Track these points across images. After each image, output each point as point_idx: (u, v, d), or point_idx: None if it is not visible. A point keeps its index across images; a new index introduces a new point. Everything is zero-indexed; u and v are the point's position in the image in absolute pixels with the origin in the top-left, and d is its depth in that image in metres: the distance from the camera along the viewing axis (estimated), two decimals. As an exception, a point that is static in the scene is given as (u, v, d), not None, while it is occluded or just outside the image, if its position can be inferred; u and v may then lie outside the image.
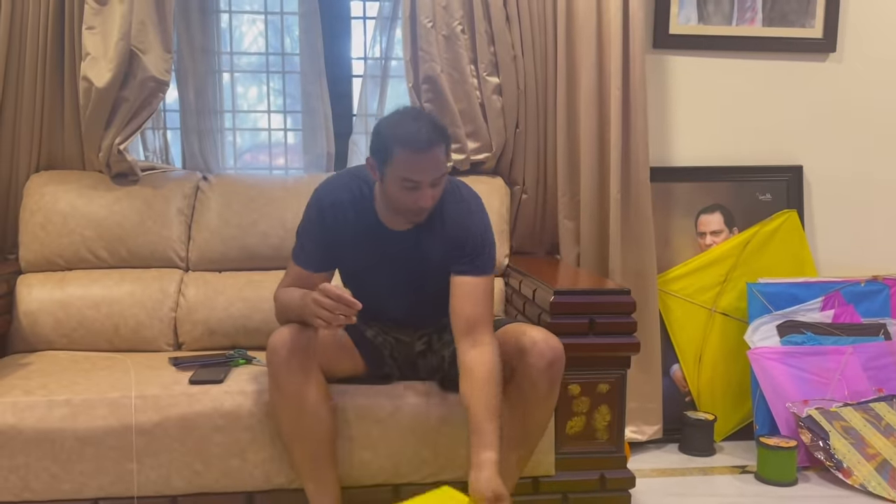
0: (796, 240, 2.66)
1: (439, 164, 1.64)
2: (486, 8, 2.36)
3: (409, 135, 1.60)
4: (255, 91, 2.64)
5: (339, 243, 1.78)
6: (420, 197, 1.63)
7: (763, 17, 2.60)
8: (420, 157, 1.60)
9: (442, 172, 1.66)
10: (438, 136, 1.63)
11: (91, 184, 2.27)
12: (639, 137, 2.44)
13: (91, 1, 2.19)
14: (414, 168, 1.61)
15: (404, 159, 1.61)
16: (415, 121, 1.64)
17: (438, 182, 1.65)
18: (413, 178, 1.61)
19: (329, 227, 1.77)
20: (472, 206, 1.80)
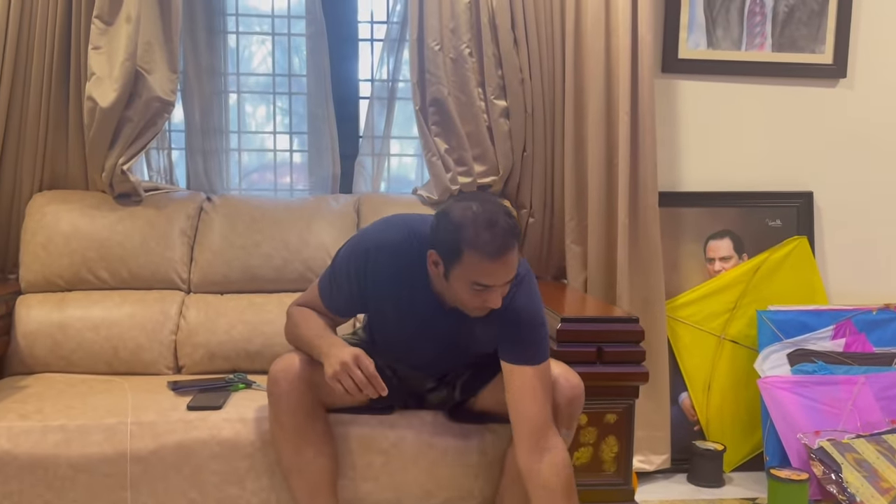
0: (807, 267, 2.62)
1: (513, 266, 1.51)
2: (493, 31, 2.35)
3: (485, 242, 1.46)
4: (262, 111, 2.63)
5: (377, 300, 1.66)
6: (489, 298, 1.51)
7: (773, 42, 2.59)
8: (495, 264, 1.47)
9: (514, 274, 1.53)
10: (513, 239, 1.49)
11: (94, 204, 2.25)
12: (647, 162, 2.41)
13: (98, 21, 2.18)
14: (488, 275, 1.48)
15: (477, 264, 1.47)
16: (490, 225, 1.46)
17: (510, 283, 1.54)
18: (486, 284, 1.49)
19: (371, 281, 1.63)
20: (532, 289, 1.64)
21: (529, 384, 1.57)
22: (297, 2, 2.50)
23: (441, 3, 2.33)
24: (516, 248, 1.51)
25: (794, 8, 2.58)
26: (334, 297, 1.68)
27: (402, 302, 1.64)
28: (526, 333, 1.60)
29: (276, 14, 2.51)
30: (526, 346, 1.59)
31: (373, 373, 1.51)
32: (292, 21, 2.51)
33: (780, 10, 2.58)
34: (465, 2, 2.34)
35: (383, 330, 1.76)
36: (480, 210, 1.49)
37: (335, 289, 1.68)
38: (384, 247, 1.62)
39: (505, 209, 1.53)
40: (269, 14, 2.52)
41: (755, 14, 2.57)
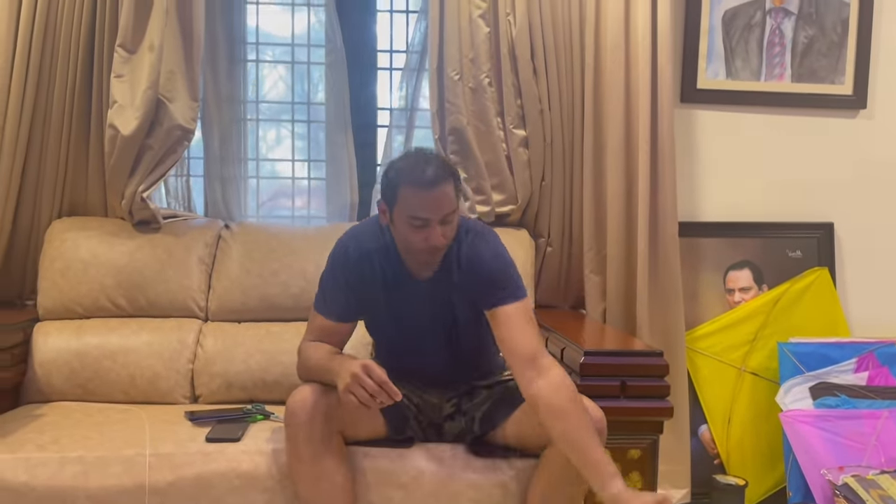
0: (828, 298, 2.59)
1: (447, 200, 1.59)
2: (513, 62, 2.36)
3: (415, 172, 1.58)
4: (280, 139, 2.64)
5: (366, 293, 1.73)
6: (430, 235, 1.59)
7: (792, 73, 2.58)
8: (426, 194, 1.57)
9: (451, 209, 1.61)
10: (445, 173, 1.60)
11: (113, 231, 2.25)
12: (667, 191, 2.40)
13: (121, 49, 2.20)
14: (421, 205, 1.57)
15: (410, 197, 1.58)
16: (420, 159, 1.61)
17: (449, 220, 1.61)
18: (421, 216, 1.58)
19: (354, 275, 1.72)
20: (487, 238, 1.75)
21: (514, 320, 1.64)
22: (316, 30, 2.51)
23: (461, 33, 2.34)
24: (450, 184, 1.60)
25: (814, 39, 2.58)
26: (329, 302, 1.73)
27: (386, 284, 1.71)
28: (497, 275, 1.68)
29: (295, 43, 2.52)
30: (500, 287, 1.67)
31: (383, 379, 1.51)
32: (312, 50, 2.52)
33: (799, 41, 2.58)
34: (485, 32, 2.35)
35: (383, 333, 1.81)
36: (414, 153, 1.66)
37: (328, 294, 1.74)
38: (357, 235, 1.76)
39: (440, 156, 1.69)
40: (288, 42, 2.53)
41: (774, 45, 2.58)
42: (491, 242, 1.74)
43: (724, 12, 2.55)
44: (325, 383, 1.64)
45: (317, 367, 1.67)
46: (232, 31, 2.43)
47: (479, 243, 1.72)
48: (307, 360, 1.73)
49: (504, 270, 1.70)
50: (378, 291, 1.73)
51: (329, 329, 1.75)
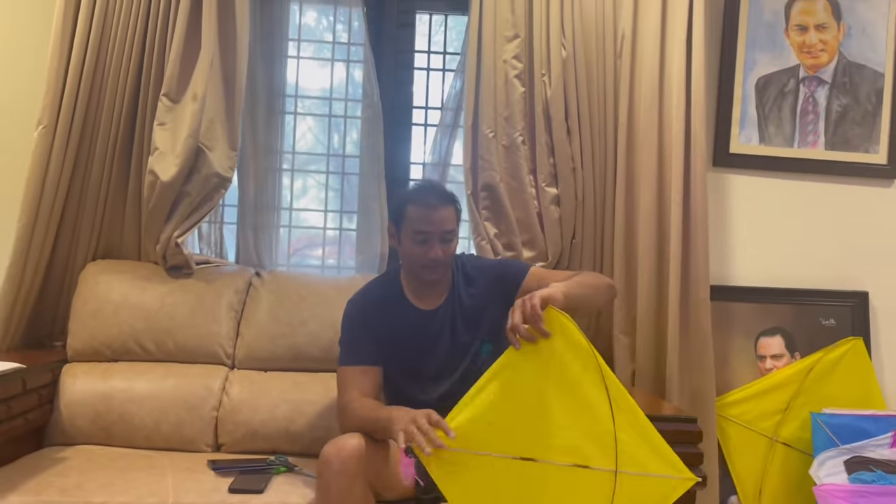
0: (863, 369, 2.53)
1: (448, 219, 1.82)
2: (547, 121, 2.38)
3: (419, 194, 1.85)
4: (313, 189, 2.67)
5: (384, 335, 1.85)
6: (430, 249, 1.79)
7: (826, 140, 2.59)
8: (429, 211, 1.80)
9: (450, 228, 1.82)
10: (446, 198, 1.85)
11: (146, 275, 2.27)
12: (699, 254, 2.38)
13: (165, 98, 2.25)
14: (424, 221, 1.80)
15: (415, 214, 1.81)
16: (426, 185, 1.92)
17: (448, 238, 1.82)
18: (424, 230, 1.79)
19: (371, 321, 1.86)
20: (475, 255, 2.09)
21: (542, 274, 1.91)
22: (354, 85, 2.57)
23: (496, 92, 2.37)
24: (451, 208, 1.84)
25: (848, 108, 2.59)
26: (353, 350, 1.84)
27: (398, 323, 1.86)
28: (503, 267, 1.97)
29: (333, 97, 2.57)
30: (512, 268, 1.95)
31: (437, 419, 1.50)
32: (349, 104, 2.57)
33: (833, 110, 2.59)
34: (520, 91, 2.39)
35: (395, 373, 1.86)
36: (420, 181, 2.01)
37: (349, 344, 1.86)
38: (364, 290, 1.95)
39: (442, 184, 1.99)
40: (327, 97, 2.58)
41: (808, 112, 2.59)
42: (482, 257, 2.06)
43: (757, 79, 2.58)
44: (368, 435, 1.63)
45: (369, 419, 1.66)
46: (272, 83, 2.49)
47: (475, 259, 2.02)
48: (353, 415, 1.71)
49: (505, 261, 2.07)
50: (393, 331, 1.85)
51: (360, 376, 1.81)
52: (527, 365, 1.47)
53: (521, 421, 1.47)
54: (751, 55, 2.57)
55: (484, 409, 1.45)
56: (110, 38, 2.27)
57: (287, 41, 2.52)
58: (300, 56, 2.56)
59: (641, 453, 1.45)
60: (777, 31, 2.58)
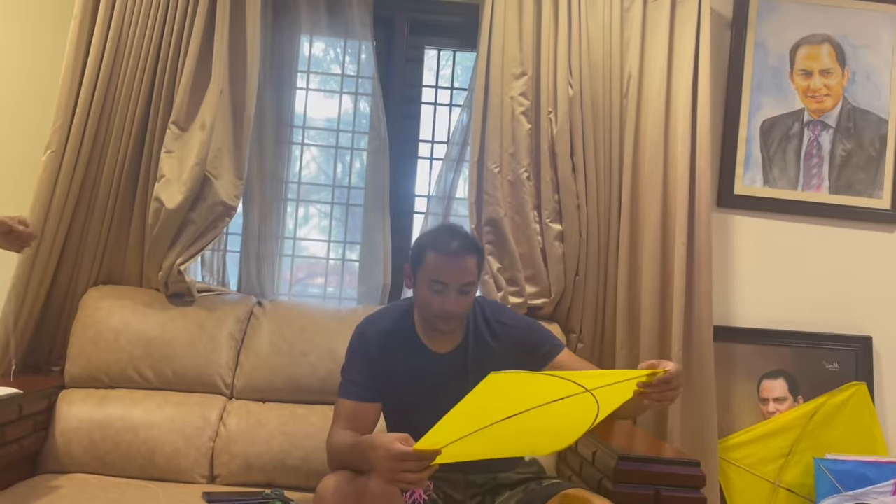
0: (866, 414, 2.51)
1: (468, 271, 1.71)
2: (553, 158, 2.39)
3: (442, 240, 1.72)
4: (309, 218, 2.67)
5: (386, 372, 1.77)
6: (446, 300, 1.69)
7: (830, 184, 2.60)
8: (449, 261, 1.69)
9: (470, 280, 1.71)
10: (470, 246, 1.73)
11: (147, 301, 2.26)
12: (703, 295, 2.38)
13: (174, 126, 2.26)
14: (443, 270, 1.69)
15: (434, 262, 1.70)
16: (450, 230, 1.77)
17: (466, 290, 1.71)
18: (441, 280, 1.69)
19: (374, 356, 1.78)
20: (503, 306, 1.93)
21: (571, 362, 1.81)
22: (361, 117, 2.58)
23: (503, 128, 2.39)
24: (473, 258, 1.72)
25: (852, 153, 2.60)
26: (352, 384, 1.77)
27: (405, 361, 1.77)
28: (536, 334, 1.86)
29: (341, 129, 2.59)
30: (545, 340, 1.84)
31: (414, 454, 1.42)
32: (356, 136, 2.58)
33: (837, 154, 2.60)
34: (527, 128, 2.40)
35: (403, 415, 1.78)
36: (446, 225, 1.89)
37: (350, 376, 1.79)
38: (373, 320, 1.85)
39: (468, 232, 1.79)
40: (334, 128, 2.60)
41: (812, 156, 2.60)
42: (508, 310, 1.91)
43: (762, 122, 2.60)
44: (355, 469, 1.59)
45: (344, 450, 1.64)
46: (280, 113, 2.50)
47: (501, 311, 1.88)
48: (336, 448, 1.69)
49: (537, 327, 1.88)
50: (398, 370, 1.77)
51: (354, 411, 1.76)
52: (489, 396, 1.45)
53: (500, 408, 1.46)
54: (756, 98, 2.59)
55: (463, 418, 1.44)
56: (121, 66, 2.28)
57: (296, 72, 2.54)
58: (308, 87, 2.58)
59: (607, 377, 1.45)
60: (782, 75, 2.60)
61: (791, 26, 2.60)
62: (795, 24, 2.60)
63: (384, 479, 1.47)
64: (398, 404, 1.81)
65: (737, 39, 2.59)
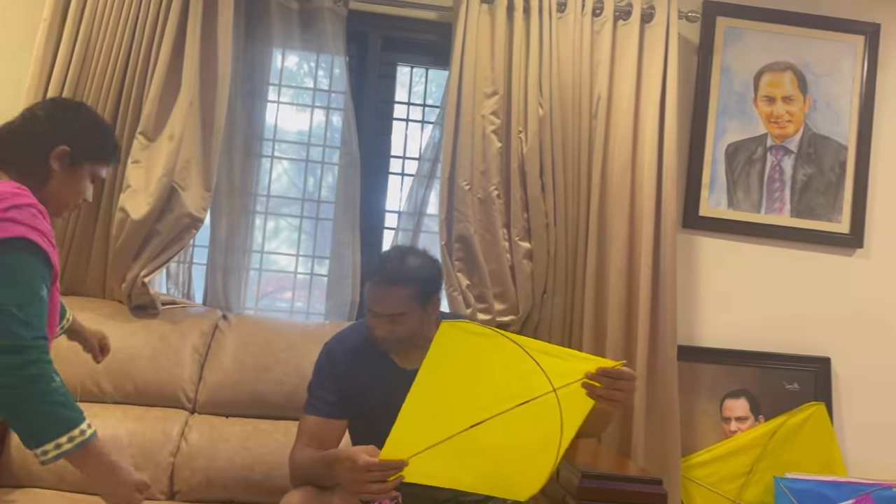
0: (825, 434, 2.56)
1: (395, 301, 1.67)
2: (522, 177, 2.42)
3: (376, 269, 1.73)
4: (279, 231, 2.65)
5: (353, 388, 1.77)
6: (377, 326, 1.70)
7: (791, 208, 2.66)
8: (377, 291, 1.69)
9: (398, 311, 1.68)
10: (403, 277, 1.68)
11: (109, 313, 2.22)
12: (667, 314, 2.41)
13: (141, 137, 2.24)
14: (372, 299, 1.70)
15: (368, 289, 1.72)
16: (388, 258, 1.75)
17: (398, 320, 1.68)
18: (371, 308, 1.70)
19: (342, 372, 1.78)
20: None
21: None
22: (332, 131, 2.58)
23: (474, 146, 2.41)
24: (406, 288, 1.67)
25: (812, 177, 2.67)
26: (318, 400, 1.77)
27: (372, 376, 1.76)
28: None
29: (312, 143, 2.58)
30: None
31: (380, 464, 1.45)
32: (327, 150, 2.58)
33: (798, 179, 2.67)
34: (497, 147, 2.42)
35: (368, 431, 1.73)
36: (392, 248, 1.86)
37: (317, 392, 1.79)
38: (341, 337, 1.85)
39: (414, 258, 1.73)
40: (305, 142, 2.59)
41: (775, 180, 2.66)
42: None
43: (727, 145, 2.65)
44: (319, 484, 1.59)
45: (308, 464, 1.64)
46: (251, 125, 2.49)
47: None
48: (300, 463, 1.69)
49: None
50: (366, 386, 1.77)
51: (319, 428, 1.76)
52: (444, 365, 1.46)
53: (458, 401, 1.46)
54: (721, 122, 2.65)
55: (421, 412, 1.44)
56: (89, 75, 2.26)
57: (268, 85, 2.53)
58: (280, 100, 2.57)
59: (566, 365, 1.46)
60: (747, 101, 2.66)
61: (755, 53, 2.67)
62: (759, 51, 2.67)
63: (350, 491, 1.47)
64: (365, 420, 1.81)
65: (703, 64, 2.65)
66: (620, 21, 2.49)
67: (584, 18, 2.46)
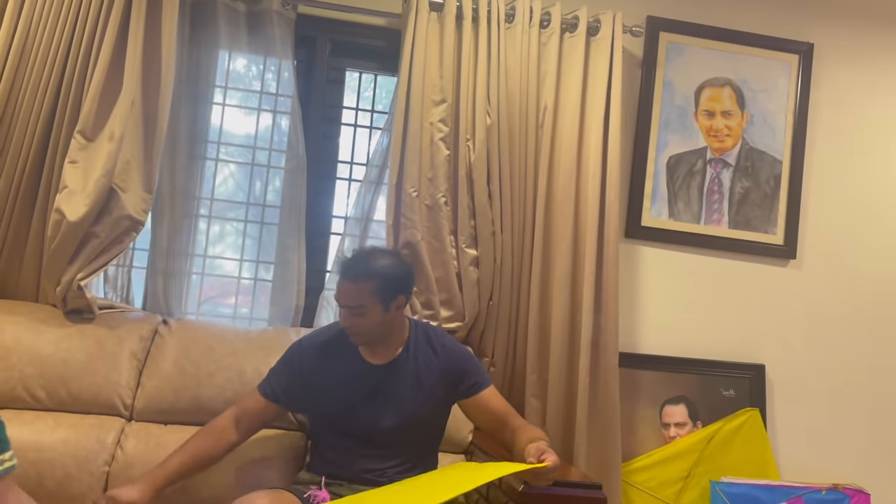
0: (758, 439, 2.64)
1: (353, 294, 1.80)
2: (470, 184, 2.43)
3: (344, 261, 1.86)
4: (224, 235, 2.61)
5: (316, 383, 1.88)
6: (343, 318, 1.84)
7: (729, 219, 2.74)
8: (340, 284, 1.82)
9: (355, 304, 1.80)
10: (364, 273, 1.81)
11: (42, 318, 2.15)
12: (610, 321, 2.45)
13: (79, 136, 2.18)
14: (337, 292, 1.83)
15: (336, 283, 1.85)
16: (354, 255, 1.88)
17: (358, 312, 1.81)
18: (336, 300, 1.84)
19: (305, 366, 1.90)
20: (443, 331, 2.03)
21: (494, 399, 1.94)
22: (279, 135, 2.56)
23: (422, 153, 2.41)
24: (365, 283, 1.80)
25: (749, 190, 2.76)
26: (270, 381, 1.92)
27: (338, 371, 1.88)
28: (472, 363, 1.97)
29: (258, 146, 2.55)
30: (478, 373, 1.95)
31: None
32: (274, 154, 2.55)
33: (736, 191, 2.75)
34: (445, 154, 2.43)
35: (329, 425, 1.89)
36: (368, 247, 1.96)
37: (273, 375, 1.93)
38: (312, 334, 1.99)
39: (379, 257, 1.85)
40: (251, 145, 2.56)
41: (713, 192, 2.74)
42: (450, 337, 2.04)
43: (668, 158, 2.72)
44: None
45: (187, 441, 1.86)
46: (195, 127, 2.45)
47: (444, 336, 1.99)
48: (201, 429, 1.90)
49: (474, 360, 2.01)
50: (330, 376, 1.88)
51: (256, 405, 1.91)
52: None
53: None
54: (663, 135, 2.72)
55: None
56: (26, 71, 2.19)
57: (214, 87, 2.49)
58: (226, 103, 2.54)
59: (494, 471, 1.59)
60: (688, 115, 2.74)
61: (696, 69, 2.75)
62: (700, 66, 2.75)
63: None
64: (325, 408, 1.90)
65: (646, 78, 2.72)
66: (567, 33, 2.54)
67: (531, 30, 2.49)
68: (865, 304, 2.81)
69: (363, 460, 1.85)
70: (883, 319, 2.82)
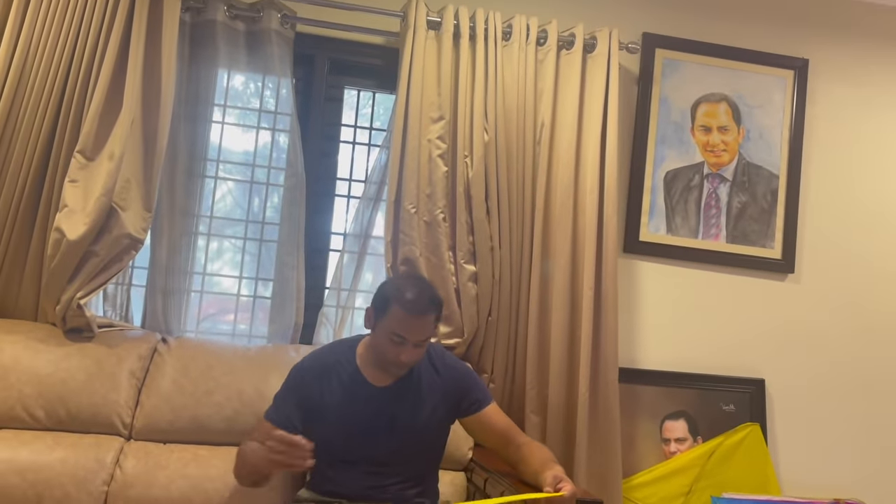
0: (759, 454, 2.63)
1: (427, 328, 1.82)
2: (468, 200, 2.44)
3: (409, 296, 1.80)
4: (222, 252, 2.61)
5: (319, 405, 1.87)
6: (403, 352, 1.80)
7: (727, 234, 2.75)
8: (412, 319, 1.79)
9: (427, 336, 1.83)
10: (433, 306, 1.83)
11: (41, 337, 2.15)
12: (609, 336, 2.45)
13: (80, 155, 2.19)
14: (404, 326, 1.79)
15: (397, 316, 1.80)
16: (416, 287, 1.84)
17: (422, 344, 1.83)
18: (401, 335, 1.79)
19: (308, 388, 1.89)
20: (444, 349, 2.04)
21: (497, 416, 1.96)
22: (278, 152, 2.57)
23: (420, 169, 2.43)
24: (434, 315, 1.83)
25: (746, 205, 2.77)
26: (279, 410, 1.88)
27: (341, 392, 1.88)
28: (473, 381, 1.98)
29: (257, 163, 2.56)
30: (479, 390, 1.97)
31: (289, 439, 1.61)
32: (272, 172, 2.56)
33: (733, 206, 2.76)
34: (443, 171, 2.44)
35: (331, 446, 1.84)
36: (413, 276, 2.07)
37: (280, 404, 1.90)
38: (315, 355, 1.98)
39: (431, 287, 1.89)
40: (250, 163, 2.57)
41: (711, 207, 2.75)
42: (451, 354, 2.04)
43: (665, 173, 2.74)
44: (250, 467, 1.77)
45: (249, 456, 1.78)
46: (195, 146, 2.46)
47: (444, 354, 2.00)
48: (241, 456, 1.83)
49: (475, 377, 2.01)
50: (332, 399, 1.87)
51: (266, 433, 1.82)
52: None
53: None
54: (660, 150, 2.73)
55: None
56: (26, 90, 2.20)
57: (213, 105, 2.51)
58: (225, 121, 2.55)
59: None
60: (684, 130, 2.76)
61: (692, 84, 2.77)
62: (696, 82, 2.77)
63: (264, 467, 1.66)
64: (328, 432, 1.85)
65: (643, 94, 2.73)
66: (564, 50, 2.56)
67: (528, 47, 2.51)
68: (864, 317, 2.81)
69: (364, 478, 1.85)
70: (882, 332, 2.82)
